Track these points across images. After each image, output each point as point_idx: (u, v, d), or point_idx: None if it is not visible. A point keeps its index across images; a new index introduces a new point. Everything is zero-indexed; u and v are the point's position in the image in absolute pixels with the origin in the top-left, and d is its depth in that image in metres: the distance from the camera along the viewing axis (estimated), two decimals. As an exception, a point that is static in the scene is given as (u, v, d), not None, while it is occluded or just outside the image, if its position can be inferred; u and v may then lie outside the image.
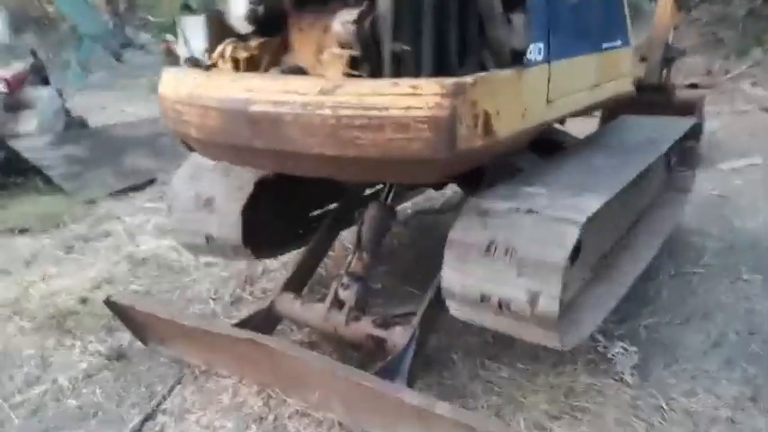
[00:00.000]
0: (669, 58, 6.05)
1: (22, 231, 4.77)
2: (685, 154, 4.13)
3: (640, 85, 6.05)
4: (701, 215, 4.70)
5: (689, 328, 3.14)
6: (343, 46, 2.25)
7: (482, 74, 2.12)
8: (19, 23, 22.41)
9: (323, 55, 2.29)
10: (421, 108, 1.98)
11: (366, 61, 2.23)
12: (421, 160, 2.04)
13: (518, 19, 2.30)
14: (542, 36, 2.46)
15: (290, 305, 2.93)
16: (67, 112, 6.66)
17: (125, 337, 3.17)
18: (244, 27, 2.55)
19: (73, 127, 6.49)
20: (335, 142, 2.08)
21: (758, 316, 3.24)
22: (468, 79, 2.02)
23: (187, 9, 2.74)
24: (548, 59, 2.52)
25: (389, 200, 3.06)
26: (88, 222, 4.94)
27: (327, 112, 2.07)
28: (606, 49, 3.14)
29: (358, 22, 2.19)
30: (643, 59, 6.34)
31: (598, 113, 5.00)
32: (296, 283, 3.05)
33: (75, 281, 3.91)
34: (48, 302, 3.60)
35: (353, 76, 2.21)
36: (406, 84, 2.01)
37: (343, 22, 2.22)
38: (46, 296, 3.70)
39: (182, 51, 2.79)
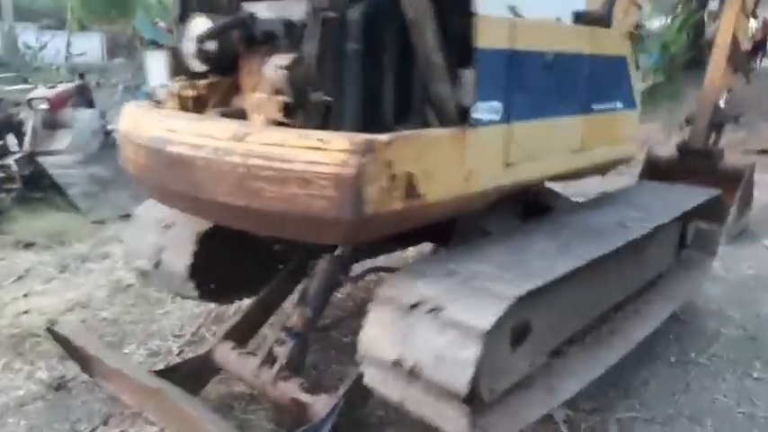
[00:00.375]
0: (718, 122, 5.64)
1: (27, 246, 4.89)
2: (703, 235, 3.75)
3: (684, 149, 5.70)
4: (726, 295, 4.25)
5: (669, 430, 2.75)
6: (277, 91, 2.14)
7: (404, 132, 1.95)
8: (112, 48, 24.30)
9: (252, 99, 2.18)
10: (326, 164, 1.82)
11: (299, 109, 2.11)
12: (326, 220, 1.87)
13: (463, 75, 2.12)
14: (498, 94, 2.25)
15: (227, 355, 2.78)
16: (107, 134, 6.89)
17: (76, 367, 3.11)
18: (196, 65, 2.48)
19: (107, 148, 6.70)
20: (243, 192, 1.95)
21: (757, 425, 2.81)
22: (383, 137, 1.84)
23: (154, 44, 2.71)
24: (507, 120, 2.31)
25: (345, 254, 2.87)
26: (91, 243, 5.01)
27: (236, 159, 1.94)
28: (598, 110, 2.88)
29: (290, 67, 2.07)
30: (688, 122, 5.99)
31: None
32: (239, 333, 2.90)
33: (53, 301, 3.93)
34: (16, 321, 3.61)
35: (282, 123, 2.09)
36: (313, 136, 1.86)
37: (275, 66, 2.11)
38: (18, 314, 3.71)
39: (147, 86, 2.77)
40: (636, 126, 3.27)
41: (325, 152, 1.82)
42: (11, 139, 6.47)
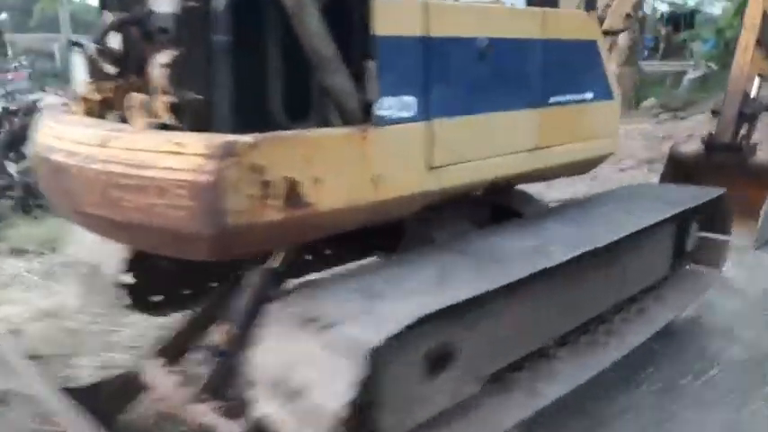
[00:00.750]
0: (749, 113, 5.13)
1: (19, 253, 4.91)
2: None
3: (710, 144, 5.21)
4: (740, 311, 3.80)
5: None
6: (163, 91, 1.96)
7: (280, 133, 1.72)
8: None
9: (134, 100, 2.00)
10: (182, 170, 1.62)
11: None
12: (186, 234, 1.67)
13: (362, 66, 1.88)
14: (411, 88, 1.99)
15: (153, 373, 2.62)
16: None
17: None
18: (107, 66, 2.33)
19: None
20: (106, 202, 1.77)
21: (746, 468, 2.43)
22: (246, 138, 1.62)
23: (77, 46, 2.58)
24: (425, 117, 2.05)
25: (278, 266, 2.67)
26: (81, 249, 4.99)
27: (98, 166, 1.77)
28: (558, 103, 2.57)
29: (171, 65, 1.88)
30: (715, 113, 5.49)
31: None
32: (172, 349, 2.73)
33: (26, 309, 3.89)
34: (-19, 330, 3.58)
35: (166, 126, 1.90)
36: (171, 140, 1.66)
37: (158, 64, 1.92)
38: (-14, 323, 3.69)
39: (73, 89, 2.65)
40: (615, 119, 2.92)
41: (181, 157, 1.62)
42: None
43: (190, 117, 1.82)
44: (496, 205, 2.92)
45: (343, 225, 1.96)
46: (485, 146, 2.29)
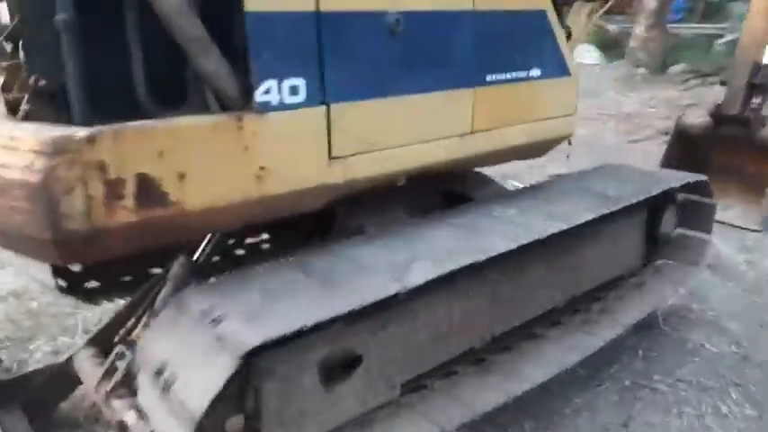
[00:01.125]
0: (761, 84, 4.71)
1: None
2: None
3: (717, 115, 4.82)
4: (732, 299, 3.52)
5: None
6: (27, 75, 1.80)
7: (128, 124, 1.54)
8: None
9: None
10: (15, 168, 1.47)
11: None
12: (27, 237, 1.53)
13: (239, 47, 1.69)
14: (302, 70, 1.78)
15: (83, 364, 2.54)
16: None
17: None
18: (4, 43, 2.19)
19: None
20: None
21: (697, 482, 2.22)
22: (81, 132, 1.45)
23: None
24: (321, 101, 1.84)
25: (203, 257, 2.53)
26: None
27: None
28: (498, 82, 2.31)
29: (25, 46, 1.73)
30: (724, 83, 5.11)
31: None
32: (103, 339, 2.64)
33: (-8, 289, 3.90)
34: (-58, 312, 3.59)
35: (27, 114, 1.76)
36: (5, 133, 1.51)
37: (23, 44, 1.77)
38: (-51, 304, 3.70)
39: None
40: (571, 97, 2.64)
41: (14, 153, 1.47)
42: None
43: (41, 105, 1.67)
44: (447, 190, 2.71)
45: (224, 223, 1.80)
46: (400, 132, 2.06)
